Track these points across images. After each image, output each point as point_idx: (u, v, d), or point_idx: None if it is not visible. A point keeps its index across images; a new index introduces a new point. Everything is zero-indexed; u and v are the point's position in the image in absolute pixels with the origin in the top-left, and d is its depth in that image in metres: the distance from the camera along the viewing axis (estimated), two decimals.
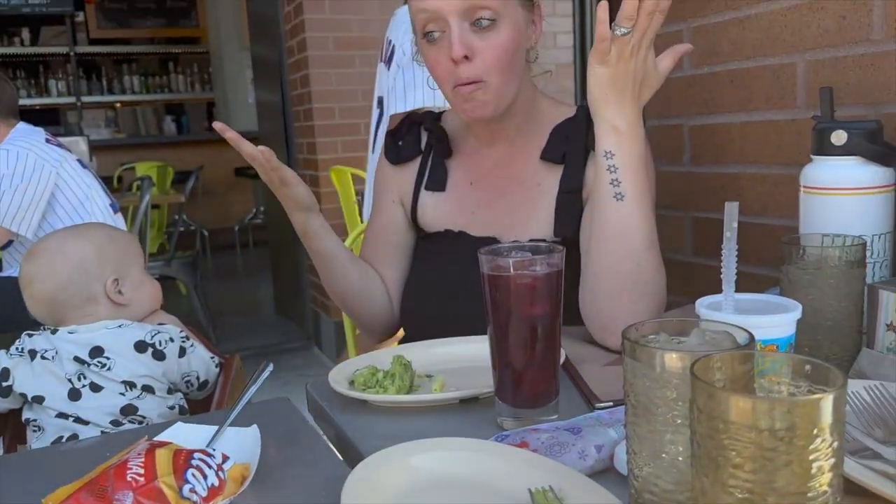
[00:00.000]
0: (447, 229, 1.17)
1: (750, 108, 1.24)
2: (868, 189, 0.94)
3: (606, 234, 0.95)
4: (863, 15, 1.03)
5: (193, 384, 1.22)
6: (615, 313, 0.96)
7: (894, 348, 0.84)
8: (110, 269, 1.19)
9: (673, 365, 0.54)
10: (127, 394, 1.14)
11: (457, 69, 1.02)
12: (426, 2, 1.02)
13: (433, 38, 1.03)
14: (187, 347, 1.21)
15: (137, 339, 1.16)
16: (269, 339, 4.18)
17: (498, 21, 1.01)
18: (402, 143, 1.23)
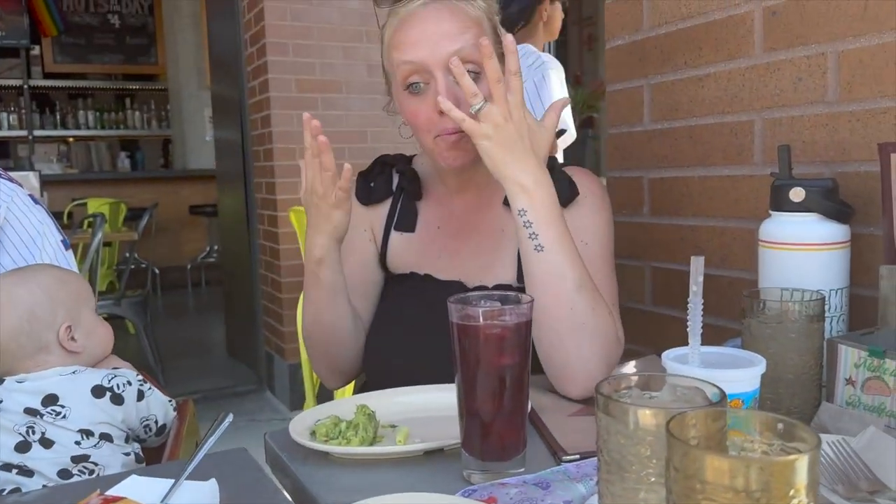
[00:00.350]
0: (413, 272, 1.18)
1: (708, 163, 1.27)
2: (825, 245, 0.96)
3: (535, 285, 0.97)
4: (818, 77, 1.07)
5: (152, 429, 1.16)
6: (565, 360, 0.97)
7: (853, 402, 0.85)
8: (62, 316, 1.14)
9: (647, 422, 0.54)
10: (83, 443, 1.08)
11: (441, 120, 1.02)
12: (411, 54, 1.03)
13: (417, 89, 1.04)
14: (145, 391, 1.16)
15: (94, 384, 1.10)
16: (220, 381, 4.07)
17: (481, 75, 1.02)
18: (374, 184, 1.23)
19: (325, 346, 1.17)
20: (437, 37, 1.02)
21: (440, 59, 1.01)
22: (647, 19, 1.37)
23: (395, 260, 1.21)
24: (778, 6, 1.12)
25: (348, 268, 1.20)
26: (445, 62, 1.01)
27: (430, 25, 1.03)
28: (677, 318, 1.35)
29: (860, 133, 1.03)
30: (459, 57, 0.99)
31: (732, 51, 1.20)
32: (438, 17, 1.03)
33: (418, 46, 1.02)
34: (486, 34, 1.05)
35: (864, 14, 1.01)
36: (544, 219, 0.95)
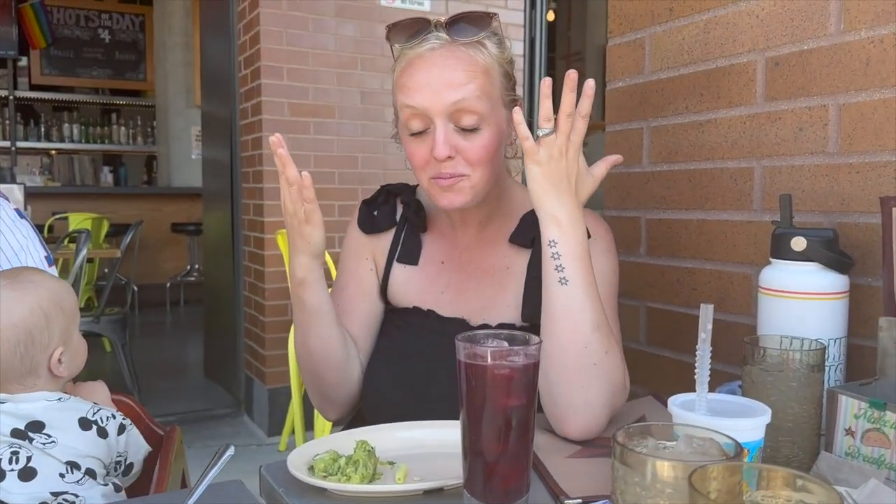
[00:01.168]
0: (416, 306, 1.16)
1: (707, 207, 1.28)
2: (825, 295, 0.97)
3: (553, 318, 0.96)
4: (819, 128, 1.09)
5: (121, 466, 1.13)
6: (569, 400, 0.96)
7: (852, 453, 0.85)
8: (56, 340, 1.10)
9: (665, 473, 0.54)
10: (67, 476, 1.03)
11: (437, 165, 1.04)
12: (413, 99, 1.03)
13: (416, 132, 1.05)
14: (126, 425, 1.12)
15: (81, 415, 1.07)
16: (196, 404, 4.00)
17: (482, 124, 1.03)
18: (378, 213, 1.22)
19: (313, 373, 1.14)
20: (441, 85, 1.01)
21: (441, 108, 1.01)
22: (649, 64, 1.39)
23: (396, 292, 1.20)
24: (780, 57, 1.15)
25: (348, 296, 1.21)
26: (446, 111, 1.01)
27: (434, 71, 1.02)
28: (671, 359, 1.36)
29: (860, 185, 1.05)
30: (461, 107, 1.01)
31: (734, 98, 1.22)
32: (444, 64, 1.02)
33: (421, 92, 1.02)
34: (494, 82, 1.05)
35: (865, 69, 1.03)
36: (573, 254, 0.95)
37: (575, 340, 0.95)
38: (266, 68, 3.49)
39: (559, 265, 0.95)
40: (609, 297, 1.10)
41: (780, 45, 1.15)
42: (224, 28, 3.89)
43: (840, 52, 1.07)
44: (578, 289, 0.95)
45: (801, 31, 1.12)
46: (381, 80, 3.75)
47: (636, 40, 1.42)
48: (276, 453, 3.36)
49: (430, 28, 1.04)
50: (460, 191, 1.05)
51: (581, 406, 0.95)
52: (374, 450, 0.87)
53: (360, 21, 3.69)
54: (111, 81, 7.99)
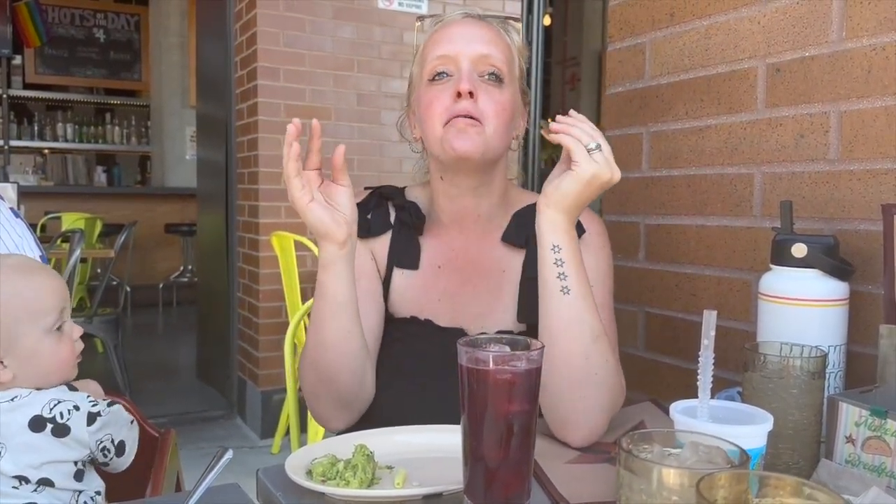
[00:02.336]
0: (413, 316, 1.15)
1: (706, 213, 1.28)
2: (825, 301, 0.97)
3: (554, 329, 0.95)
4: (820, 135, 1.09)
5: (110, 450, 1.03)
6: (571, 409, 0.96)
7: (852, 461, 0.85)
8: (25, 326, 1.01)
9: (671, 481, 0.53)
10: (21, 489, 0.95)
11: (457, 104, 1.04)
12: (443, 47, 1.08)
13: (441, 78, 1.07)
14: (98, 411, 1.02)
15: (33, 414, 0.98)
16: (188, 405, 3.98)
17: (504, 82, 1.08)
18: (372, 216, 1.19)
19: (327, 372, 1.05)
20: (471, 37, 1.08)
21: (470, 54, 1.06)
22: (650, 69, 1.39)
23: (395, 300, 1.17)
24: (782, 64, 1.15)
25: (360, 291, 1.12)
26: (475, 57, 1.06)
27: (467, 27, 1.10)
28: (670, 365, 1.36)
29: (860, 192, 1.05)
30: (488, 60, 1.07)
31: (734, 105, 1.22)
32: (477, 25, 1.10)
33: (453, 41, 1.08)
34: (514, 63, 1.11)
35: (867, 77, 1.03)
36: (575, 262, 0.95)
37: (576, 352, 0.94)
38: (262, 69, 3.48)
39: (562, 273, 0.94)
40: (606, 298, 1.10)
41: (782, 52, 1.15)
42: (220, 29, 3.87)
43: (842, 60, 1.07)
44: (580, 299, 0.94)
45: (803, 39, 1.12)
46: (378, 83, 3.75)
47: (636, 45, 1.42)
48: (269, 456, 3.34)
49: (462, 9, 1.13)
50: (474, 136, 1.05)
51: (582, 415, 0.95)
52: (373, 454, 0.86)
53: (357, 23, 3.69)
54: (106, 81, 7.97)
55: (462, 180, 1.12)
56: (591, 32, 8.50)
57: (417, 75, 1.13)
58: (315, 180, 0.96)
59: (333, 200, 0.97)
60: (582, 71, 8.65)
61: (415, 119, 1.15)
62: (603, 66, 7.53)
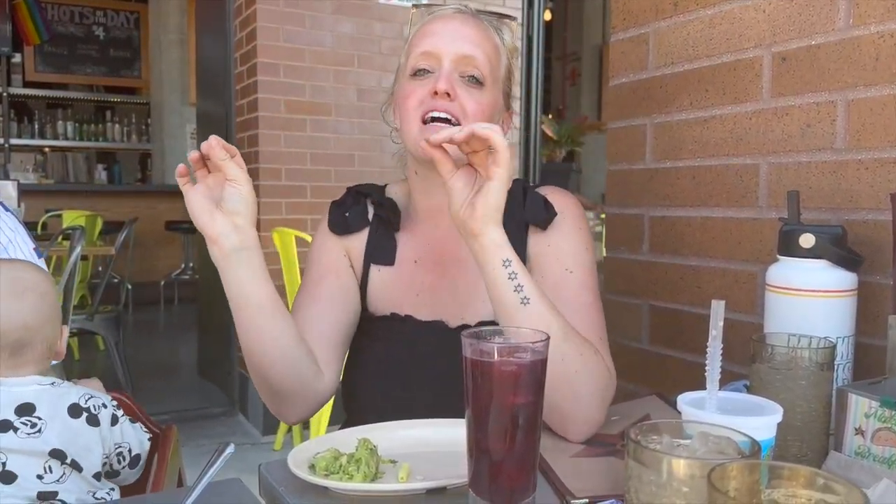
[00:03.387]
0: (393, 313, 1.12)
1: (711, 204, 1.27)
2: (834, 292, 0.96)
3: None
4: (826, 125, 1.08)
5: (125, 458, 1.10)
6: (562, 408, 0.94)
7: (862, 453, 0.84)
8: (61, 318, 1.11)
9: (682, 472, 0.52)
10: (45, 476, 1.00)
11: (433, 101, 1.02)
12: (429, 42, 1.05)
13: (422, 74, 1.05)
14: (119, 416, 1.11)
15: (71, 402, 1.05)
16: (189, 402, 3.98)
17: (484, 85, 1.05)
18: (350, 214, 1.18)
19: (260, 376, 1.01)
20: (457, 35, 1.05)
21: (452, 52, 1.04)
22: (653, 59, 1.37)
23: (373, 298, 1.15)
24: (788, 53, 1.13)
25: (326, 286, 1.13)
26: (457, 57, 1.04)
27: (453, 24, 1.07)
28: (674, 358, 1.35)
29: (868, 182, 1.04)
30: (470, 62, 1.04)
31: (739, 94, 1.21)
32: (464, 22, 1.07)
33: (436, 37, 1.05)
34: (500, 64, 1.08)
35: (875, 65, 1.02)
36: (522, 268, 0.90)
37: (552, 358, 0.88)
38: (262, 65, 3.46)
39: (518, 285, 0.89)
40: (587, 281, 1.06)
41: (787, 41, 1.13)
42: (220, 25, 3.86)
43: (849, 47, 1.05)
44: (539, 304, 0.90)
45: (809, 26, 1.10)
46: (378, 78, 3.73)
47: (639, 35, 1.40)
48: (271, 452, 3.34)
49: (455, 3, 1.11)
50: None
51: (575, 412, 0.94)
52: (376, 448, 0.85)
53: (357, 18, 3.67)
54: (106, 79, 7.95)
55: (437, 177, 1.04)
56: (592, 27, 8.48)
57: (402, 66, 1.11)
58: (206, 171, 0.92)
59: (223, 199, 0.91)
60: (582, 66, 8.63)
61: (395, 108, 1.14)
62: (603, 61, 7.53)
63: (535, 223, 1.08)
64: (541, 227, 1.08)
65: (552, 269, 1.07)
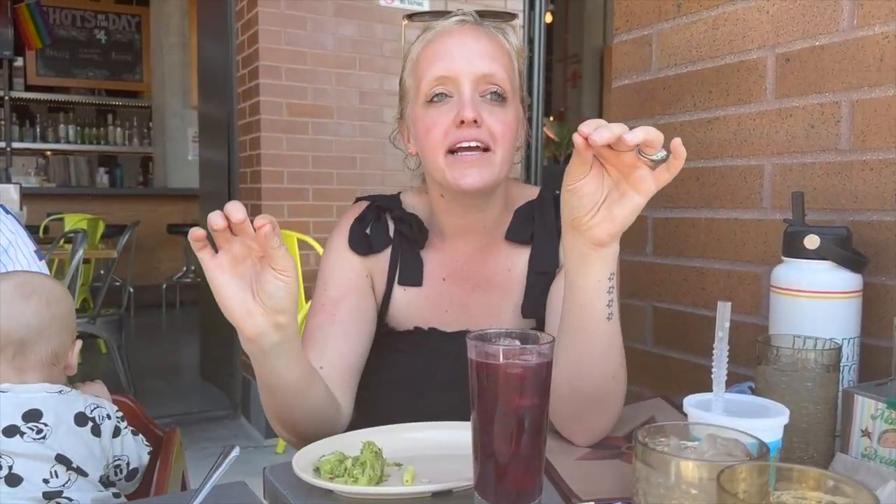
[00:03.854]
0: (416, 327, 1.11)
1: (715, 206, 1.27)
2: (839, 293, 0.96)
3: (595, 353, 0.88)
4: (831, 125, 1.08)
5: (123, 470, 1.10)
6: (592, 419, 0.93)
7: (869, 455, 0.83)
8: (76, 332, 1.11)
9: (690, 474, 0.52)
10: (51, 481, 1.00)
11: (459, 131, 0.98)
12: (441, 64, 1.00)
13: (441, 99, 1.01)
14: (122, 428, 1.11)
15: (78, 410, 1.06)
16: (192, 405, 3.98)
17: (507, 100, 1.02)
18: (371, 231, 1.13)
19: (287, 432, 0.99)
20: (472, 54, 1.00)
21: (471, 74, 0.99)
22: (656, 60, 1.37)
23: (396, 315, 1.12)
24: (791, 53, 1.13)
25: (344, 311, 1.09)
26: (475, 78, 0.99)
27: (467, 41, 1.02)
28: (679, 360, 1.34)
29: (873, 182, 1.03)
30: (490, 80, 1.00)
31: (743, 95, 1.21)
32: (475, 37, 1.02)
33: (452, 58, 1.00)
34: (514, 71, 1.05)
35: (879, 65, 1.02)
36: (618, 287, 0.87)
37: (608, 374, 0.89)
38: (264, 68, 3.47)
39: (611, 300, 0.85)
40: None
41: (791, 41, 1.13)
42: (222, 28, 3.86)
43: (853, 48, 1.05)
44: (616, 322, 0.88)
45: (813, 27, 1.10)
46: (380, 81, 3.73)
47: (643, 37, 1.40)
48: (273, 455, 3.33)
49: (456, 12, 1.05)
50: (482, 168, 0.99)
51: (600, 424, 0.94)
52: (381, 451, 0.85)
53: (358, 21, 3.67)
54: (107, 82, 7.96)
55: (467, 200, 1.06)
56: (593, 29, 8.48)
57: (412, 89, 1.06)
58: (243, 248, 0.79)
59: (263, 289, 0.79)
60: (583, 68, 8.63)
61: (409, 133, 1.10)
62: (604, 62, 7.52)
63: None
64: None
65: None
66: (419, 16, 1.09)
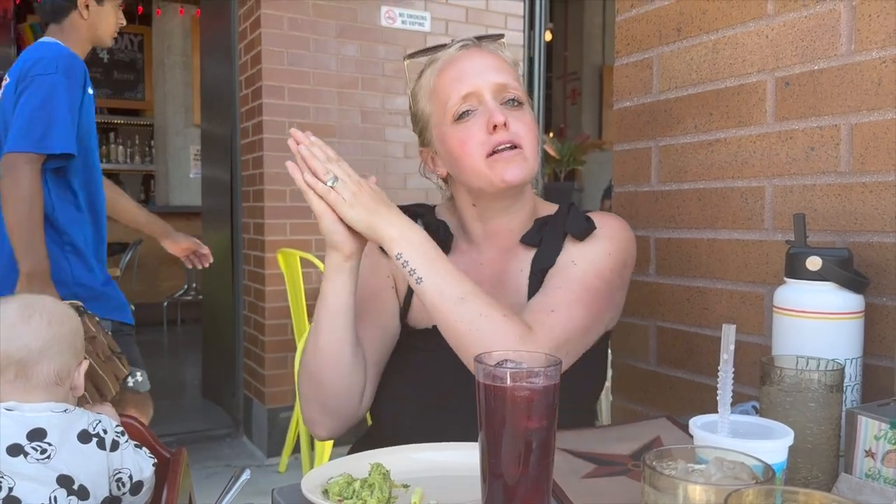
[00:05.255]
0: (434, 325, 1.14)
1: (717, 226, 1.28)
2: (841, 314, 0.97)
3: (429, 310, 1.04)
4: (830, 148, 1.10)
5: (125, 483, 1.10)
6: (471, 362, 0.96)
7: (873, 475, 0.84)
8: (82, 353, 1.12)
9: (698, 498, 0.53)
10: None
11: (492, 137, 1.09)
12: (463, 84, 1.11)
13: (467, 116, 1.11)
14: (121, 442, 1.11)
15: (82, 427, 1.07)
16: (193, 424, 3.97)
17: (523, 104, 1.13)
18: None
19: (317, 376, 1.12)
20: (483, 67, 1.12)
21: (490, 85, 1.11)
22: (657, 83, 1.39)
23: (417, 315, 1.20)
24: (791, 77, 1.15)
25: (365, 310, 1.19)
26: (494, 88, 1.11)
27: (476, 59, 1.13)
28: (683, 379, 1.35)
29: (872, 204, 1.05)
30: (506, 89, 1.11)
31: (744, 118, 1.22)
32: (482, 55, 1.14)
33: (469, 76, 1.11)
34: (519, 78, 1.16)
35: (877, 89, 1.04)
36: (416, 254, 1.03)
37: (449, 320, 1.02)
38: (267, 88, 3.49)
39: (411, 269, 1.03)
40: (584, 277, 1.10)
41: (791, 65, 1.15)
42: (225, 48, 3.90)
43: (851, 73, 1.07)
44: (432, 277, 1.02)
45: (812, 52, 1.12)
46: (382, 100, 3.77)
47: (644, 60, 1.42)
48: (276, 475, 3.33)
49: (454, 41, 1.16)
50: (521, 164, 1.10)
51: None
52: (389, 473, 0.85)
53: (360, 41, 3.71)
54: (109, 100, 8.00)
55: (498, 203, 1.17)
56: (592, 47, 8.54)
57: (435, 114, 1.16)
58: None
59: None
60: (583, 85, 8.68)
61: (436, 157, 1.19)
62: (603, 79, 7.53)
63: (574, 234, 1.14)
64: (579, 238, 1.13)
65: (562, 261, 1.13)
66: (420, 53, 1.17)
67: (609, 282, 1.12)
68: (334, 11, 3.63)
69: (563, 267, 1.12)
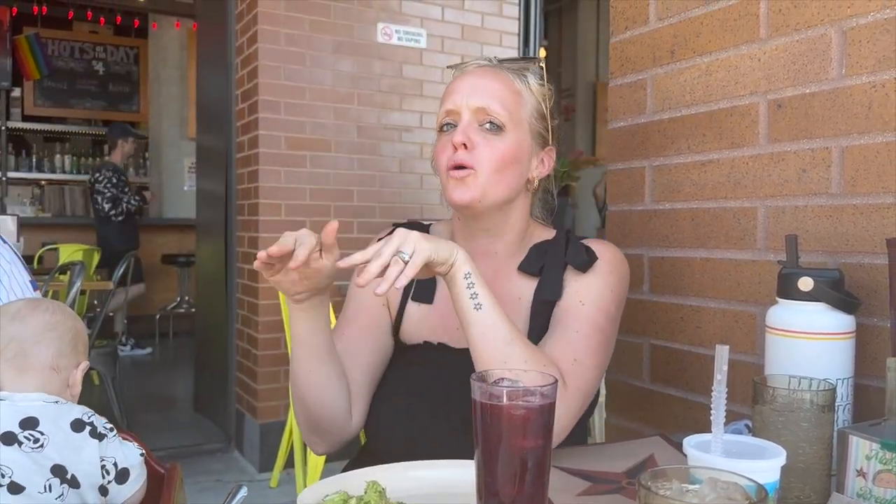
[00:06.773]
0: (426, 341, 1.18)
1: (710, 246, 1.29)
2: (833, 335, 0.98)
3: (473, 339, 1.01)
4: (822, 170, 1.11)
5: (110, 472, 1.08)
6: None
7: (864, 494, 0.85)
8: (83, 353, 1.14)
9: None
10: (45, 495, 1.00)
11: (455, 154, 1.12)
12: (450, 100, 1.15)
13: (447, 129, 1.16)
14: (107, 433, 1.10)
15: (75, 417, 1.06)
16: (184, 438, 3.94)
17: (503, 131, 1.13)
18: None
19: (303, 403, 1.14)
20: (474, 89, 1.14)
21: (470, 106, 1.13)
22: (651, 104, 1.41)
23: (409, 330, 1.21)
24: (783, 100, 1.17)
25: (358, 327, 1.22)
26: (472, 109, 1.13)
27: (470, 79, 1.16)
28: (675, 397, 1.36)
29: (863, 226, 1.06)
30: (485, 113, 1.12)
31: (737, 139, 1.24)
32: (481, 75, 1.16)
33: (457, 93, 1.15)
34: (524, 106, 1.15)
35: (868, 113, 1.05)
36: (482, 282, 1.02)
37: (495, 357, 1.00)
38: (263, 102, 3.51)
39: (474, 293, 1.01)
40: (594, 317, 1.12)
41: (783, 88, 1.17)
42: (221, 62, 3.91)
43: (842, 96, 1.09)
44: (490, 312, 1.01)
45: (803, 75, 1.14)
46: (378, 115, 3.79)
47: (638, 81, 1.44)
48: (267, 490, 3.31)
49: (480, 58, 1.20)
50: (468, 186, 1.11)
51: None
52: (384, 490, 0.86)
53: (357, 57, 3.73)
54: (104, 113, 8.00)
55: (474, 223, 1.18)
56: (585, 64, 8.60)
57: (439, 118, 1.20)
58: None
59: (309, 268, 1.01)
60: (577, 102, 8.74)
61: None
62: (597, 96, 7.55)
63: (575, 266, 1.15)
64: (582, 269, 1.14)
65: (569, 299, 1.13)
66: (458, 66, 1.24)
67: (614, 319, 1.16)
68: (331, 27, 3.66)
69: (572, 307, 1.12)
